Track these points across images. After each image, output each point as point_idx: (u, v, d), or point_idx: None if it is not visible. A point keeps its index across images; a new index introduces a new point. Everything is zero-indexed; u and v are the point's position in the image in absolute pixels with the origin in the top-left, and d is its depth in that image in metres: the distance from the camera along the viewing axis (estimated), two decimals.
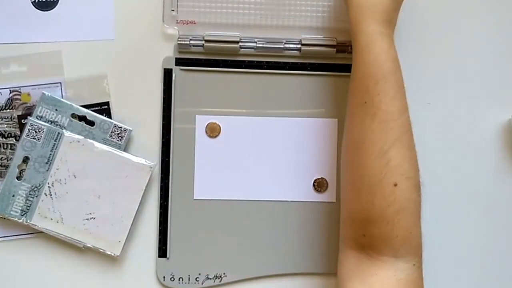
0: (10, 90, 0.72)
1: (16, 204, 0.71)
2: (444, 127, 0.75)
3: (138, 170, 0.72)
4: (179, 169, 0.73)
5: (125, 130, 0.72)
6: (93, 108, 0.73)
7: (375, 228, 0.60)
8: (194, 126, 0.74)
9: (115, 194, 0.71)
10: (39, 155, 0.71)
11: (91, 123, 0.72)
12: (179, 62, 0.73)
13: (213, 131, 0.74)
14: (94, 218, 0.71)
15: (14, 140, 0.72)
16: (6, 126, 0.72)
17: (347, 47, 0.73)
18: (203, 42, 0.73)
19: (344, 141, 0.65)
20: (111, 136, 0.72)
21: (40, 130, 0.71)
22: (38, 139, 0.71)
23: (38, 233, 0.72)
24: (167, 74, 0.73)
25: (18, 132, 0.72)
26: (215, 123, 0.74)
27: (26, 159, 0.71)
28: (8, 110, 0.72)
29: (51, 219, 0.71)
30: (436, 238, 0.73)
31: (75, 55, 0.73)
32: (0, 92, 0.72)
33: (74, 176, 0.71)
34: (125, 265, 0.73)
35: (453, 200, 0.74)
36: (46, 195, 0.71)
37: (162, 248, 0.73)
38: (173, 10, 0.73)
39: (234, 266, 0.73)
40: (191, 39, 0.73)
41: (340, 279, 0.63)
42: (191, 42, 0.73)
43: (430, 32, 0.75)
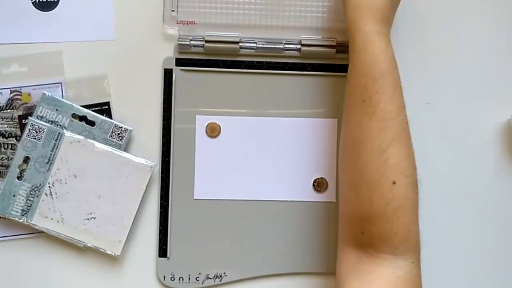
0: (10, 90, 0.72)
1: (17, 204, 0.71)
2: (444, 127, 0.75)
3: (138, 170, 0.72)
4: (179, 169, 0.73)
5: (125, 130, 0.72)
6: (93, 108, 0.73)
7: (374, 226, 0.60)
8: (194, 126, 0.74)
9: (116, 194, 0.72)
10: (40, 155, 0.71)
11: (92, 123, 0.72)
12: (179, 62, 0.74)
13: (213, 131, 0.74)
14: (95, 218, 0.71)
15: (15, 140, 0.72)
16: (6, 126, 0.73)
17: (347, 48, 0.72)
18: (203, 43, 0.73)
19: (341, 139, 0.66)
20: (111, 136, 0.72)
21: (40, 130, 0.71)
22: (39, 139, 0.71)
23: (38, 233, 0.72)
24: (168, 74, 0.74)
25: (19, 132, 0.72)
26: (215, 123, 0.74)
27: (26, 159, 0.71)
28: (8, 110, 0.72)
29: (52, 219, 0.71)
30: (436, 238, 0.73)
31: (76, 55, 0.73)
32: (0, 92, 0.72)
33: (75, 176, 0.71)
34: (125, 264, 0.73)
35: (452, 200, 0.74)
36: (47, 195, 0.71)
37: (163, 247, 0.73)
38: (173, 11, 0.73)
39: (234, 265, 0.73)
40: (191, 40, 0.73)
41: (339, 277, 0.63)
42: (191, 42, 0.73)
43: (430, 32, 0.75)
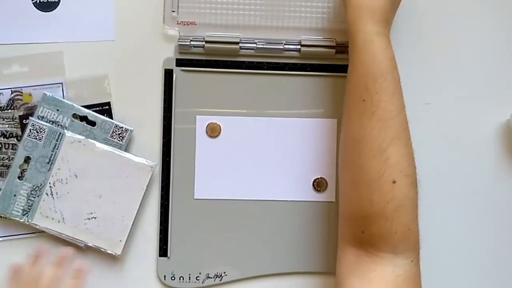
0: (11, 91, 0.73)
1: (18, 204, 0.71)
2: (443, 127, 0.75)
3: (139, 170, 0.72)
4: (179, 169, 0.73)
5: (126, 130, 0.73)
6: (94, 109, 0.73)
7: (374, 225, 0.60)
8: (195, 126, 0.74)
9: (116, 193, 0.72)
10: (41, 155, 0.71)
11: (92, 123, 0.72)
12: (180, 62, 0.74)
13: (213, 131, 0.74)
14: (95, 218, 0.71)
15: (16, 140, 0.73)
16: (7, 126, 0.73)
17: (347, 48, 0.72)
18: (204, 43, 0.73)
19: (341, 139, 0.66)
20: (112, 136, 0.72)
21: (41, 130, 0.71)
22: (40, 139, 0.71)
23: (39, 232, 0.72)
24: (168, 75, 0.74)
25: (20, 132, 0.72)
26: (216, 123, 0.74)
27: (27, 159, 0.71)
28: (9, 110, 0.73)
29: (53, 218, 0.71)
30: (436, 237, 0.73)
31: (76, 55, 0.73)
32: (1, 93, 0.72)
33: (76, 176, 0.72)
34: (126, 264, 0.73)
35: (452, 200, 0.75)
36: (48, 195, 0.71)
37: (163, 247, 0.73)
38: (173, 11, 0.73)
39: (234, 265, 0.73)
40: (191, 40, 0.73)
41: (339, 276, 0.63)
42: (192, 43, 0.73)
43: (430, 32, 0.75)
